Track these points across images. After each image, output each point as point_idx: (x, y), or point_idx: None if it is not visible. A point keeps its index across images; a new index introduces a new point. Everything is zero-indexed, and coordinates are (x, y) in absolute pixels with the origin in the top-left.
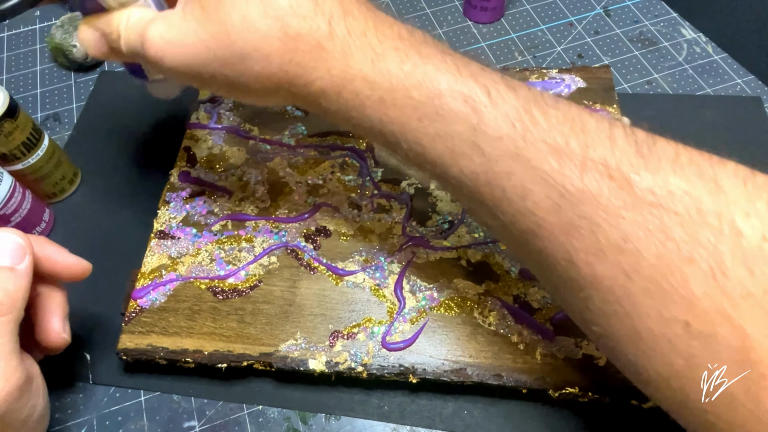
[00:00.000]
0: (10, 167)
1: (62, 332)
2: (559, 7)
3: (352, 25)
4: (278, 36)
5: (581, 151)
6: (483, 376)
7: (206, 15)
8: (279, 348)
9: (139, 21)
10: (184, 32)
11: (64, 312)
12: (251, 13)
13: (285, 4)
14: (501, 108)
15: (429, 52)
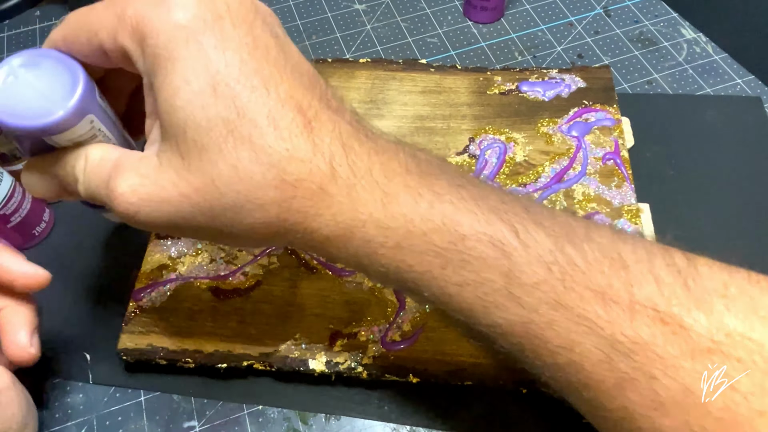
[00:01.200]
0: (10, 167)
1: (29, 347)
2: (559, 7)
3: (356, 163)
4: (275, 183)
5: (627, 293)
6: (483, 376)
7: (187, 165)
8: (279, 348)
9: (101, 164)
10: (161, 185)
11: (32, 325)
12: (242, 161)
13: (280, 148)
14: (533, 250)
15: (442, 187)
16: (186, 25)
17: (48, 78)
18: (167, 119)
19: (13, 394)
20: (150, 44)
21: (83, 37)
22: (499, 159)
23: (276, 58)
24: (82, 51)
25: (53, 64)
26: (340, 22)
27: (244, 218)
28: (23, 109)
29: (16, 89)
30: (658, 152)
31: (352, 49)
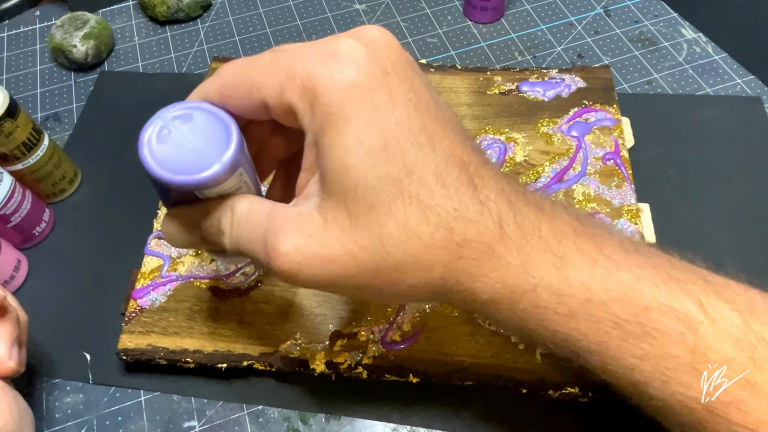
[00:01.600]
0: (10, 167)
1: (7, 360)
2: (559, 7)
3: (524, 222)
4: (443, 244)
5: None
6: (483, 376)
7: (354, 224)
8: (279, 348)
9: (252, 218)
10: (327, 244)
11: (11, 338)
12: (410, 221)
13: (448, 207)
14: (720, 325)
15: (615, 251)
16: (359, 83)
17: (202, 131)
18: (336, 177)
19: (5, 402)
20: (322, 102)
21: (243, 92)
22: (499, 159)
23: (435, 113)
24: (239, 105)
25: (206, 117)
26: (340, 22)
27: (407, 278)
28: (178, 164)
29: (170, 143)
30: (658, 152)
31: None
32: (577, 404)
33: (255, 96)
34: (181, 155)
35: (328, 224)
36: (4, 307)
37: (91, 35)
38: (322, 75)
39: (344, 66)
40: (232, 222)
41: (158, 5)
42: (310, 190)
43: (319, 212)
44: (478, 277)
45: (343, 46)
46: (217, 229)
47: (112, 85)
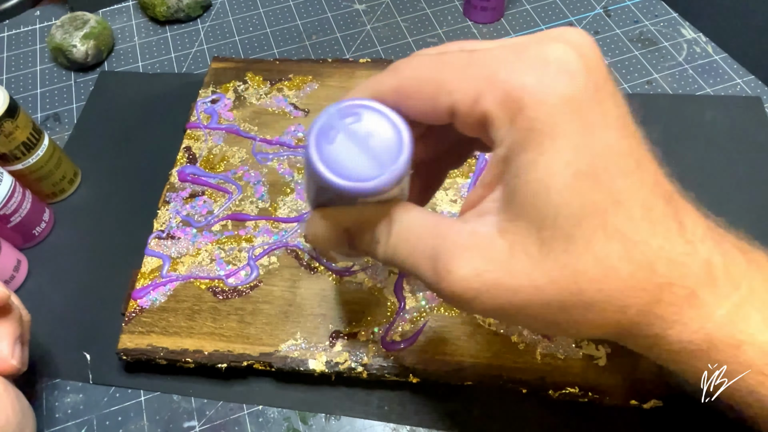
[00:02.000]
0: (10, 167)
1: (10, 358)
2: (559, 7)
3: (733, 268)
4: (642, 285)
5: None
6: (483, 376)
7: (546, 253)
8: (279, 348)
9: (416, 233)
10: (511, 272)
11: (13, 336)
12: (611, 256)
13: (654, 245)
14: None
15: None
16: (573, 98)
17: (372, 134)
18: (533, 200)
19: (7, 401)
20: (527, 116)
21: (427, 94)
22: None
23: (637, 134)
24: (418, 107)
25: (376, 118)
26: (340, 22)
27: (594, 317)
28: (345, 168)
29: (338, 144)
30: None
31: (352, 49)
32: (577, 404)
33: (442, 100)
34: (348, 159)
35: (515, 251)
36: (7, 306)
37: (91, 35)
38: (531, 85)
39: (558, 77)
40: (390, 232)
41: (158, 5)
42: (487, 208)
43: (502, 235)
44: (674, 323)
45: (555, 53)
46: (370, 237)
47: (112, 85)
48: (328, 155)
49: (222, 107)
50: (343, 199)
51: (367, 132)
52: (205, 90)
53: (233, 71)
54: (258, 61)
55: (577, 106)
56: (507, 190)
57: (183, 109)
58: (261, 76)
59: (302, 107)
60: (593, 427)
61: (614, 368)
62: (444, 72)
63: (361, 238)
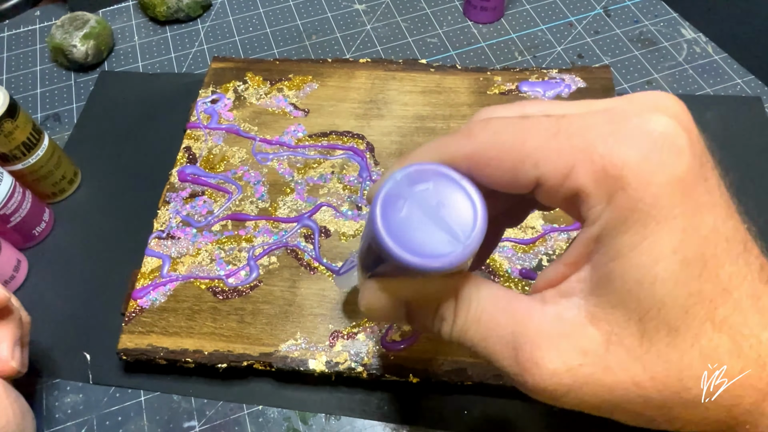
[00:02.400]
0: (10, 167)
1: (10, 360)
2: (559, 7)
3: None
4: (752, 382)
5: None
6: (483, 376)
7: (648, 347)
8: (279, 348)
9: (488, 311)
10: (609, 368)
11: (13, 338)
12: (718, 351)
13: (765, 339)
14: None
15: None
16: (681, 178)
17: (444, 205)
18: (633, 288)
19: (7, 403)
20: (630, 195)
21: (508, 164)
22: None
23: (735, 207)
24: (496, 176)
25: (449, 186)
26: (340, 22)
27: (697, 415)
28: (415, 241)
29: (406, 215)
30: None
31: (352, 49)
32: None
33: (527, 171)
34: (418, 231)
35: (611, 342)
36: (8, 308)
37: (91, 35)
38: (635, 163)
39: (666, 155)
40: (458, 310)
41: (158, 5)
42: (571, 288)
43: (593, 323)
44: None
45: (659, 126)
46: (435, 314)
47: (112, 85)
48: (395, 226)
49: (222, 107)
50: (408, 272)
51: (438, 202)
52: (205, 90)
53: (233, 71)
54: (258, 61)
55: (685, 186)
56: (599, 272)
57: (183, 109)
58: (261, 76)
59: (302, 107)
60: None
61: None
62: (529, 140)
63: (423, 314)
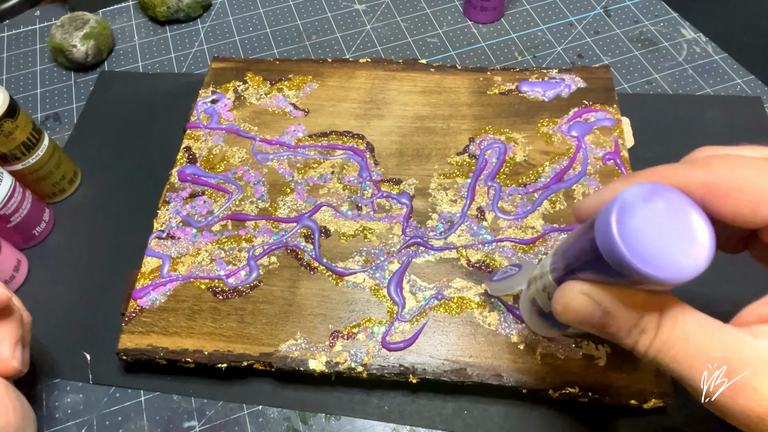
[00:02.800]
0: (10, 167)
1: (11, 359)
2: (559, 7)
3: None
4: None
5: None
6: (483, 376)
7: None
8: (279, 348)
9: (697, 336)
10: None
11: (14, 338)
12: None
13: None
14: None
15: None
16: None
17: (677, 223)
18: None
19: (8, 402)
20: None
21: (747, 200)
22: (499, 159)
23: None
24: (731, 209)
25: (681, 207)
26: (340, 22)
27: None
28: (648, 252)
29: (639, 227)
30: (658, 152)
31: (352, 49)
32: (577, 404)
33: (766, 210)
34: (649, 243)
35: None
36: (9, 307)
37: (91, 35)
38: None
39: None
40: (661, 326)
41: (158, 5)
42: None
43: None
44: None
45: None
46: (633, 325)
47: (112, 85)
48: (629, 237)
49: (222, 107)
50: (621, 280)
51: (671, 220)
52: (205, 90)
53: (233, 71)
54: (258, 61)
55: None
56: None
57: (183, 109)
58: (261, 76)
59: (302, 107)
60: (593, 427)
61: (614, 368)
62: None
63: (621, 324)
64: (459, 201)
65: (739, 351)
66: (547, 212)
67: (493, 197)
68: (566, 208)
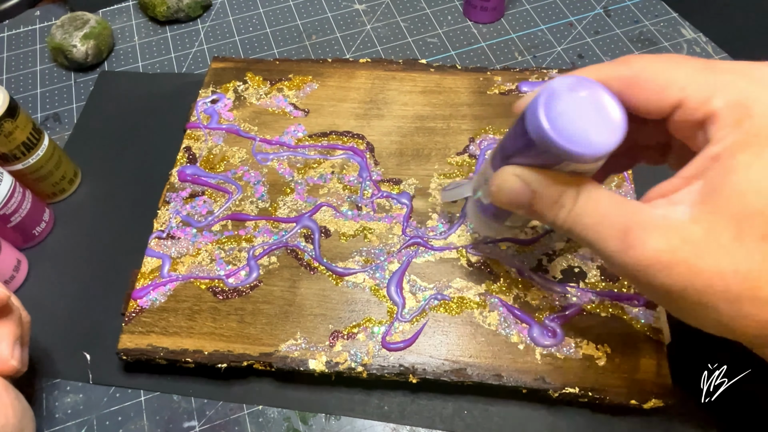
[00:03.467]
0: (10, 167)
1: (10, 359)
2: (559, 7)
3: None
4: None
5: None
6: (483, 376)
7: (738, 246)
8: (279, 348)
9: (603, 204)
10: (702, 256)
11: (13, 337)
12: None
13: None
14: None
15: None
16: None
17: (595, 109)
18: (737, 196)
19: (7, 402)
20: (754, 123)
21: (656, 87)
22: None
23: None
24: (644, 97)
25: (602, 97)
26: (340, 22)
27: (756, 314)
28: (570, 133)
29: (564, 111)
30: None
31: (352, 49)
32: (577, 404)
33: (672, 94)
34: (572, 126)
35: (708, 238)
36: (8, 307)
37: (91, 35)
38: (762, 99)
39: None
40: (577, 200)
41: (158, 5)
42: (680, 198)
43: (695, 222)
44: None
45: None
46: (554, 201)
47: (112, 85)
48: (554, 118)
49: (222, 107)
50: (547, 161)
51: (591, 106)
52: (205, 90)
53: (233, 71)
54: (258, 61)
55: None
56: (709, 185)
57: (183, 109)
58: (261, 76)
59: (302, 107)
60: (593, 427)
61: (614, 368)
62: (680, 70)
63: (545, 201)
64: (460, 201)
65: (637, 215)
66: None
67: None
68: None
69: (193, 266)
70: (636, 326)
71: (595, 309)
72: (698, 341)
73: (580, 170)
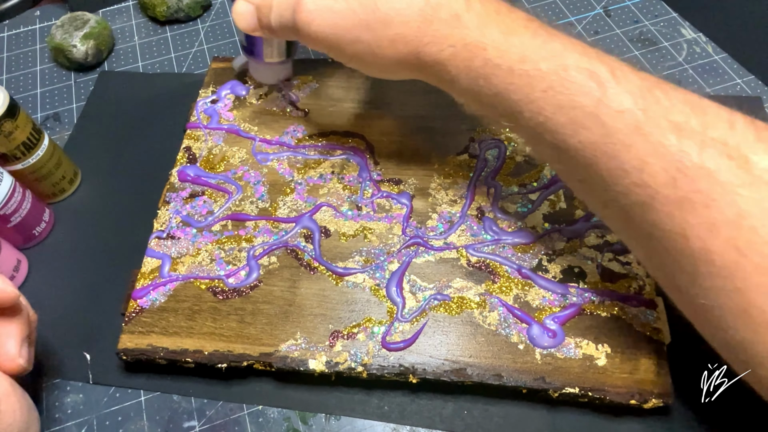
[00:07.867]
0: (10, 167)
1: (17, 357)
2: (559, 7)
3: (486, 3)
4: (420, 5)
5: (701, 130)
6: (483, 376)
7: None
8: (279, 348)
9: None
10: (336, 1)
11: (20, 336)
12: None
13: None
14: (624, 85)
15: (555, 33)
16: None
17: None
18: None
19: (14, 400)
20: None
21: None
22: (499, 159)
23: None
24: None
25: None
26: None
27: (391, 31)
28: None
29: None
30: None
31: None
32: (577, 404)
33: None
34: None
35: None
36: (17, 306)
37: (91, 35)
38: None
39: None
40: (279, 1)
41: (158, 5)
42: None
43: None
44: (445, 37)
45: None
46: (268, 9)
47: (112, 85)
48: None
49: (222, 107)
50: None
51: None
52: (205, 90)
53: (233, 71)
54: None
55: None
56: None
57: (183, 109)
58: None
59: (302, 107)
60: (593, 427)
61: (614, 368)
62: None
63: (261, 12)
64: (459, 201)
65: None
66: (547, 212)
67: (493, 197)
68: (566, 208)
69: (193, 266)
70: (636, 326)
71: (595, 309)
72: (698, 341)
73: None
